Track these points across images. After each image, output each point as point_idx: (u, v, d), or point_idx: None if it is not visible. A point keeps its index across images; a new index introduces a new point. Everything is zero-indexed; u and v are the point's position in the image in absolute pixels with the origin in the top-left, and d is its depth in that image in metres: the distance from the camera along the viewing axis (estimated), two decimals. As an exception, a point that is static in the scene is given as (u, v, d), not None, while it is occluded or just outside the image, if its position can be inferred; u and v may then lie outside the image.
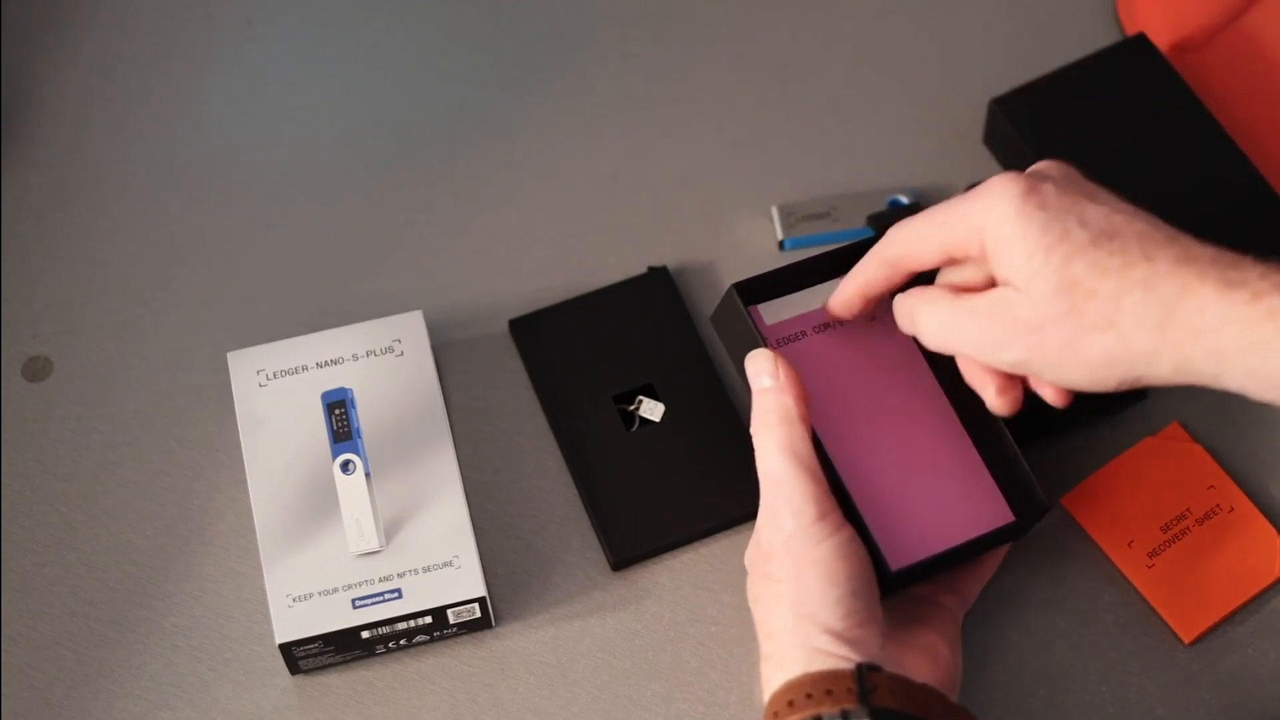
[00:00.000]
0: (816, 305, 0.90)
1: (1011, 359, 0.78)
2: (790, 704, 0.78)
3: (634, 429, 0.96)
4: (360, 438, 0.92)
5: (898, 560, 0.85)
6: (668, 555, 0.93)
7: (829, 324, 0.90)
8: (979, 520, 0.88)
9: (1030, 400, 0.84)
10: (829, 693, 0.77)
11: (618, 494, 0.94)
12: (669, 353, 0.97)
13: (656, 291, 1.00)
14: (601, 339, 0.98)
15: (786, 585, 0.81)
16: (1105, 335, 0.75)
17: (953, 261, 0.81)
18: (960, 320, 0.80)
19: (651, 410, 0.96)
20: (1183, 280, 0.74)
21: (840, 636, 0.79)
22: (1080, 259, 0.75)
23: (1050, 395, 0.82)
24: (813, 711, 0.77)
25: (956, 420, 0.89)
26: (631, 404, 0.96)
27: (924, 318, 0.82)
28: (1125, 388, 0.78)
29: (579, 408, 0.96)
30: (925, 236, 0.81)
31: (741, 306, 0.89)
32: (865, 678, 0.78)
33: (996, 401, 0.83)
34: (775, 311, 0.90)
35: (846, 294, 0.86)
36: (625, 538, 0.93)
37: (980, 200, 0.78)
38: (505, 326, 0.99)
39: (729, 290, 0.89)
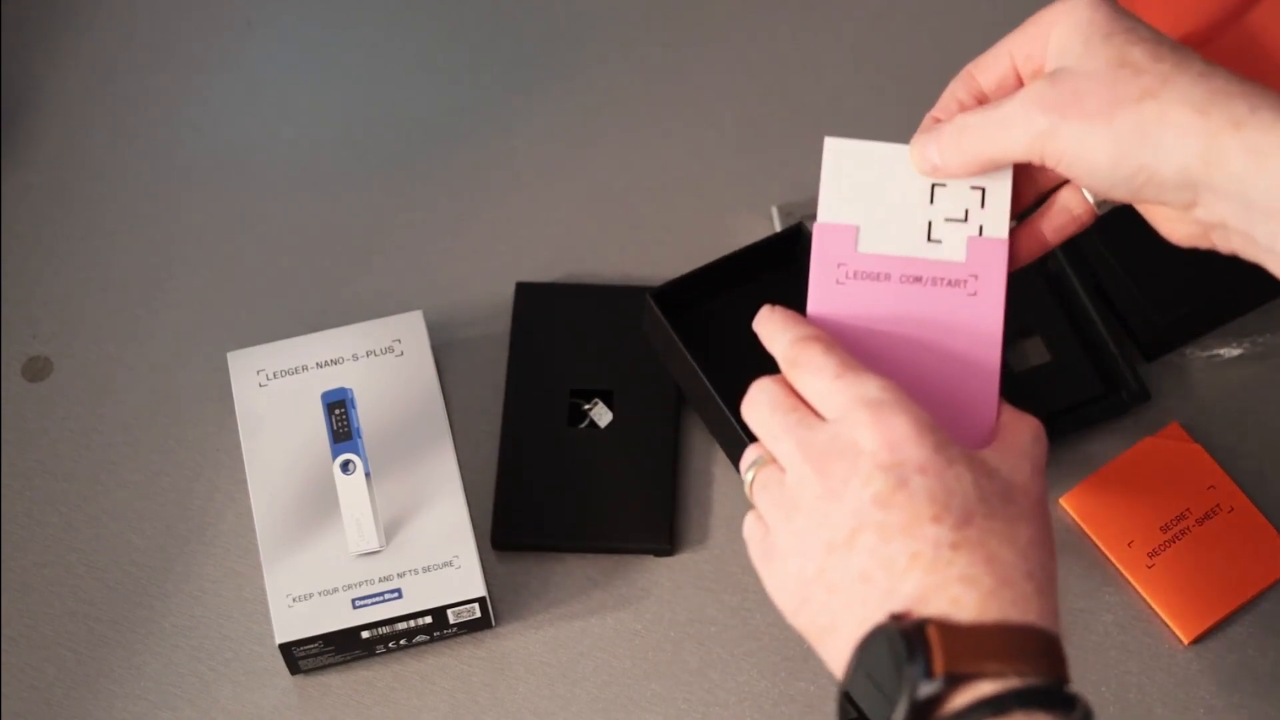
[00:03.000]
0: (908, 263, 0.81)
1: (1039, 128, 0.73)
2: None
3: (579, 427, 0.96)
4: (360, 438, 0.92)
5: None
6: (668, 556, 0.93)
7: (919, 278, 0.80)
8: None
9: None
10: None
11: (531, 480, 0.94)
12: (640, 366, 0.97)
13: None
14: (585, 334, 0.98)
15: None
16: (1143, 105, 0.71)
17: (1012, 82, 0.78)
18: (979, 117, 0.75)
19: (600, 415, 0.96)
20: (1240, 87, 0.71)
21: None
22: (1139, 46, 0.72)
23: (1067, 201, 0.78)
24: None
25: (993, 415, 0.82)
26: (588, 403, 0.97)
27: (942, 138, 0.77)
28: (1136, 192, 0.73)
29: (538, 392, 0.96)
30: (997, 47, 0.78)
31: (660, 315, 0.91)
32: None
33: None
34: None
35: (925, 125, 0.80)
36: (515, 523, 0.93)
37: (1058, 4, 0.76)
38: (506, 326, 0.99)
39: (647, 299, 0.91)
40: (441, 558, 0.90)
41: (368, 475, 0.91)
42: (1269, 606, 0.91)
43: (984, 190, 0.77)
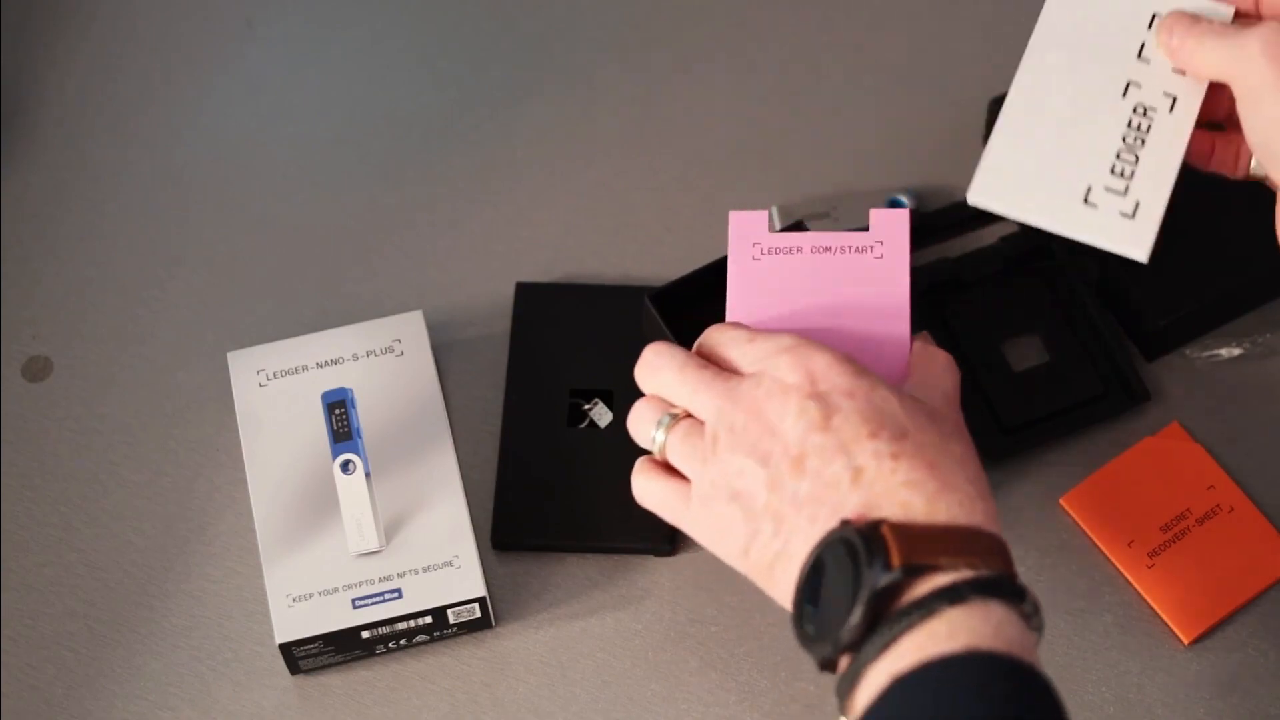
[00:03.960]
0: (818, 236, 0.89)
1: (1249, 55, 0.77)
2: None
3: (580, 427, 0.96)
4: (360, 438, 0.92)
5: None
6: (668, 556, 0.93)
7: (829, 248, 0.88)
8: None
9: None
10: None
11: (531, 480, 0.94)
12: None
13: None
14: (585, 334, 0.98)
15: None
16: None
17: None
18: (1219, 30, 0.79)
19: (600, 415, 0.96)
20: None
21: None
22: None
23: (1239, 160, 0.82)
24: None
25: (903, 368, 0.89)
26: (588, 403, 0.96)
27: (1195, 31, 0.80)
28: None
29: (538, 392, 0.96)
30: None
31: (658, 317, 0.92)
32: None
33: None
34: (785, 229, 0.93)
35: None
36: (515, 523, 0.93)
37: None
38: (506, 326, 0.99)
39: (645, 301, 0.93)
40: (441, 558, 0.90)
41: (368, 475, 0.91)
42: (1269, 606, 0.91)
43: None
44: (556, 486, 0.94)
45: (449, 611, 0.89)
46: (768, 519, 0.73)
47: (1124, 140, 0.80)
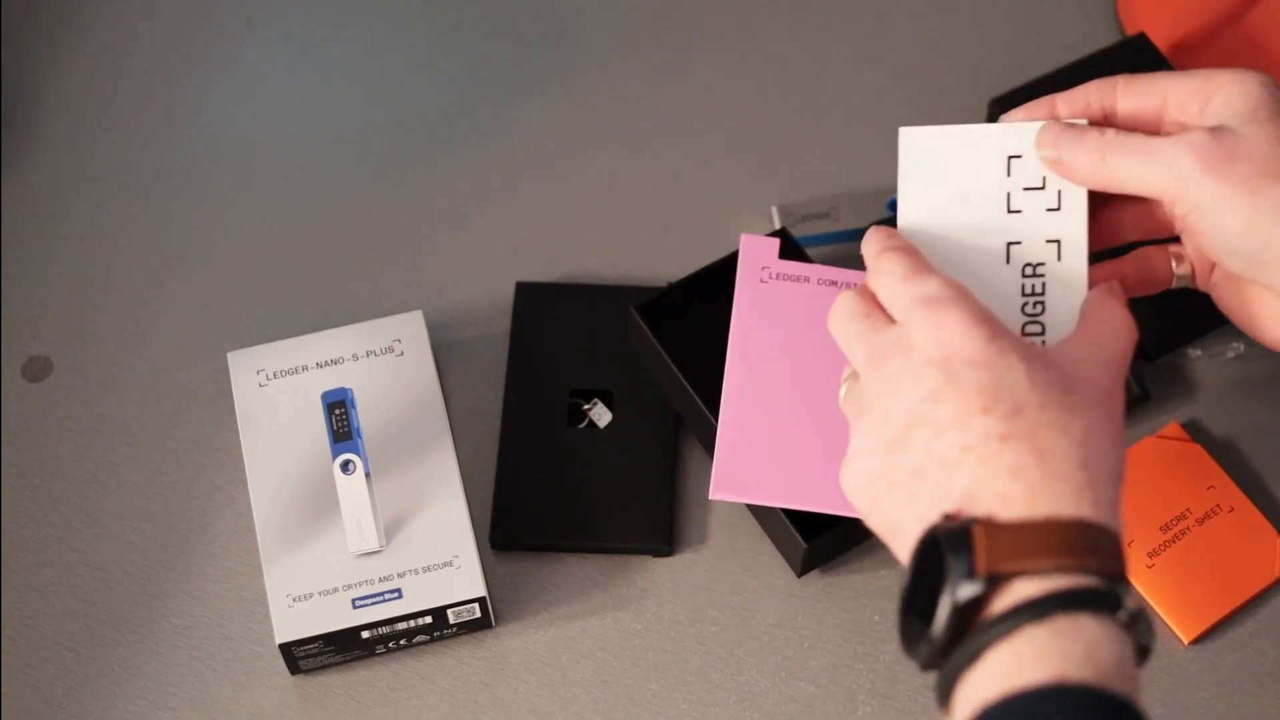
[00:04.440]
0: (826, 270, 0.92)
1: (1186, 172, 0.74)
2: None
3: (579, 427, 0.96)
4: (360, 438, 0.92)
5: (720, 491, 0.88)
6: (668, 556, 0.93)
7: (835, 282, 0.92)
8: (837, 499, 0.87)
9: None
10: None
11: (531, 480, 0.94)
12: (639, 366, 0.97)
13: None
14: (585, 334, 0.98)
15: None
16: None
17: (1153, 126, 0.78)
18: (1131, 141, 0.76)
19: (600, 415, 0.96)
20: None
21: None
22: None
23: (1152, 260, 0.80)
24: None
25: None
26: (587, 403, 0.96)
27: (1085, 143, 0.77)
28: (1252, 267, 0.74)
29: (538, 392, 0.96)
30: (1153, 80, 0.78)
31: (646, 328, 0.93)
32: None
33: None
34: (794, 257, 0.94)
35: (1038, 109, 0.80)
36: (515, 523, 0.93)
37: (1231, 70, 0.77)
38: (506, 326, 0.99)
39: (631, 312, 0.94)
40: (441, 558, 0.90)
41: (368, 475, 0.91)
42: (1269, 606, 0.91)
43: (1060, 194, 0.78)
44: (556, 487, 0.94)
45: (449, 611, 0.89)
46: (884, 485, 0.70)
47: (1024, 311, 0.77)
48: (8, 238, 1.03)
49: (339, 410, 0.93)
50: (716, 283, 0.95)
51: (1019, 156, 0.78)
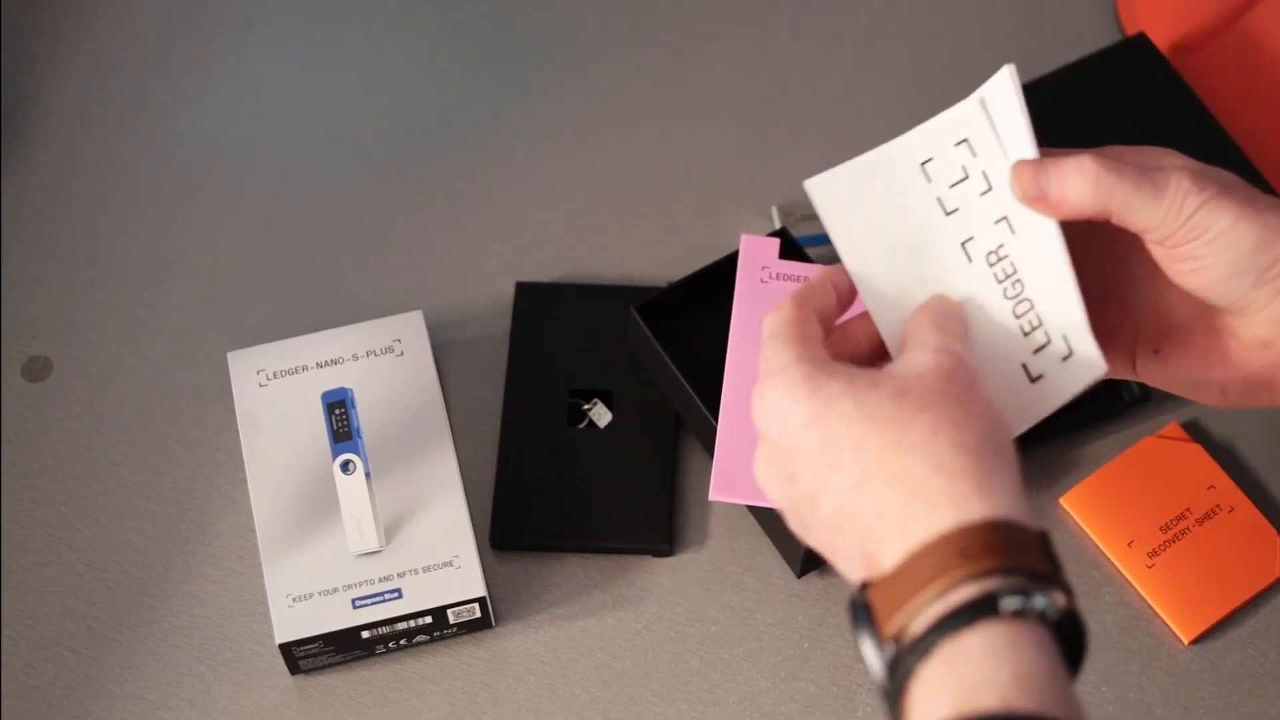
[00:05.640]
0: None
1: (1197, 196, 0.71)
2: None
3: (579, 427, 0.96)
4: (360, 438, 0.92)
5: (719, 492, 0.87)
6: (668, 556, 0.93)
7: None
8: None
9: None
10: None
11: (531, 480, 0.94)
12: (639, 366, 0.97)
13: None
14: (585, 334, 0.98)
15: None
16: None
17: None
18: (1131, 172, 0.72)
19: (600, 415, 0.96)
20: None
21: None
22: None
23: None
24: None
25: None
26: (587, 403, 0.97)
27: (1074, 172, 0.72)
28: (1259, 284, 0.73)
29: (538, 392, 0.97)
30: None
31: (645, 328, 0.93)
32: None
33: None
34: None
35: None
36: (515, 523, 0.93)
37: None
38: (506, 326, 0.99)
39: (631, 312, 0.93)
40: (441, 558, 0.90)
41: (368, 475, 0.91)
42: (1269, 606, 0.91)
43: (965, 140, 0.75)
44: (556, 487, 0.94)
45: (449, 611, 0.89)
46: (829, 553, 0.68)
47: (1006, 296, 0.74)
48: (8, 238, 1.03)
49: (339, 410, 0.93)
50: (716, 283, 0.95)
51: (930, 159, 0.75)
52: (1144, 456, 0.94)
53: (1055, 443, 0.96)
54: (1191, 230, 0.73)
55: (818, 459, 0.66)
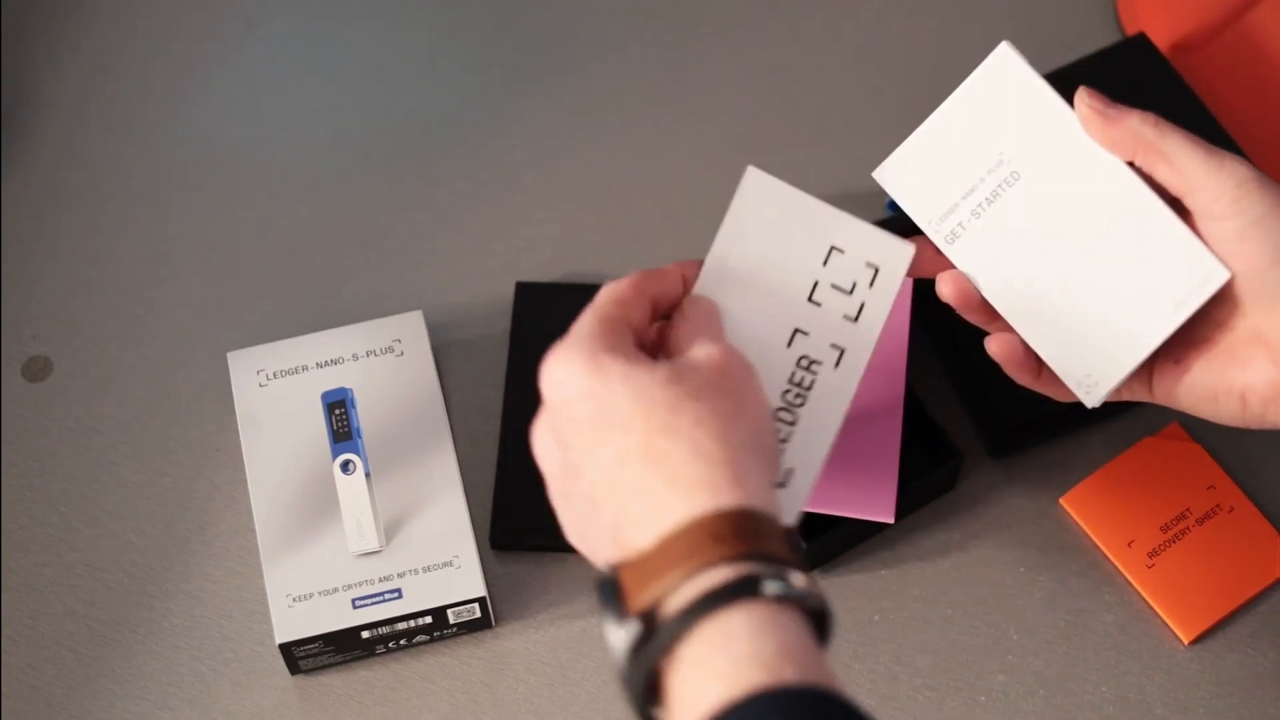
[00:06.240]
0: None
1: (1247, 177, 0.74)
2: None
3: None
4: (360, 438, 0.92)
5: None
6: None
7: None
8: (850, 501, 0.88)
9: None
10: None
11: (531, 480, 0.94)
12: None
13: None
14: None
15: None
16: None
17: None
18: (1190, 135, 0.76)
19: None
20: None
21: None
22: None
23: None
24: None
25: (899, 415, 0.90)
26: None
27: (1137, 113, 0.77)
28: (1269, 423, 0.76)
29: (538, 392, 0.96)
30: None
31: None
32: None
33: None
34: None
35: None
36: (515, 523, 0.93)
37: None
38: (506, 326, 0.99)
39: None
40: (441, 558, 0.90)
41: (368, 475, 0.91)
42: (1269, 606, 0.91)
43: (877, 270, 0.77)
44: None
45: (449, 611, 0.89)
46: (581, 527, 0.69)
47: (784, 398, 0.75)
48: (8, 238, 1.03)
49: (339, 410, 0.93)
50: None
51: (842, 252, 0.76)
52: (1144, 456, 0.94)
53: (1055, 443, 0.96)
54: (1239, 203, 0.74)
55: (590, 432, 0.68)
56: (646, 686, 0.63)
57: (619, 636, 0.64)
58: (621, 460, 0.66)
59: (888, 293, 0.76)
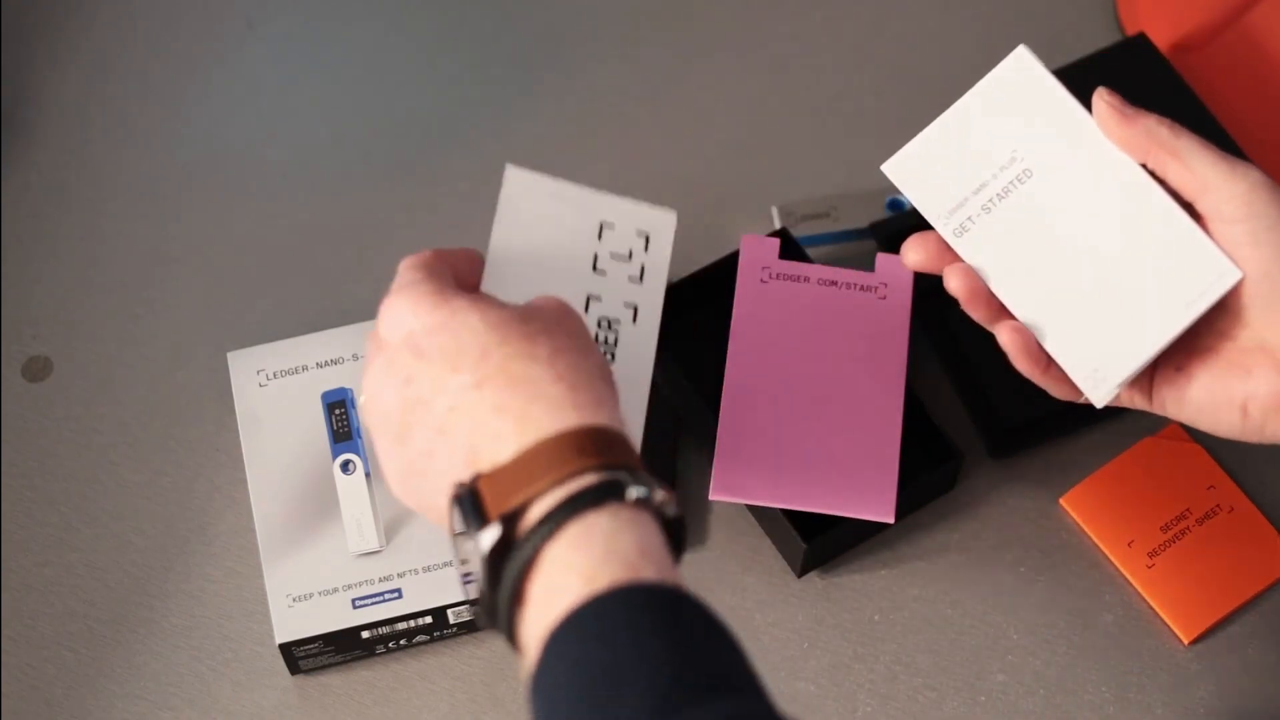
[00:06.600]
0: (826, 270, 0.93)
1: (1259, 183, 0.76)
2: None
3: None
4: (360, 438, 0.92)
5: (719, 492, 0.89)
6: (668, 555, 0.93)
7: (835, 282, 0.93)
8: (850, 501, 0.89)
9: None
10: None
11: None
12: None
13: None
14: None
15: None
16: None
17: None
18: (1202, 140, 0.78)
19: None
20: None
21: None
22: None
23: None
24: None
25: (898, 415, 0.90)
26: None
27: (1152, 115, 0.79)
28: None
29: None
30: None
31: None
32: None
33: None
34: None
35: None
36: None
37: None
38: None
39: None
40: (441, 558, 0.90)
41: (368, 475, 0.91)
42: (1269, 606, 0.91)
43: (648, 237, 0.80)
44: None
45: (449, 611, 0.89)
46: (412, 478, 0.70)
47: None
48: (8, 238, 1.03)
49: (339, 410, 0.93)
50: (716, 283, 0.95)
51: (612, 226, 0.80)
52: (1144, 456, 0.94)
53: (1055, 443, 0.96)
54: (1251, 206, 0.75)
55: (439, 363, 0.69)
56: (503, 604, 0.65)
57: (474, 545, 0.66)
58: (479, 384, 0.68)
59: (663, 253, 0.81)
